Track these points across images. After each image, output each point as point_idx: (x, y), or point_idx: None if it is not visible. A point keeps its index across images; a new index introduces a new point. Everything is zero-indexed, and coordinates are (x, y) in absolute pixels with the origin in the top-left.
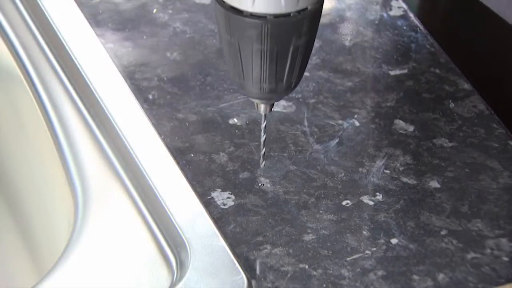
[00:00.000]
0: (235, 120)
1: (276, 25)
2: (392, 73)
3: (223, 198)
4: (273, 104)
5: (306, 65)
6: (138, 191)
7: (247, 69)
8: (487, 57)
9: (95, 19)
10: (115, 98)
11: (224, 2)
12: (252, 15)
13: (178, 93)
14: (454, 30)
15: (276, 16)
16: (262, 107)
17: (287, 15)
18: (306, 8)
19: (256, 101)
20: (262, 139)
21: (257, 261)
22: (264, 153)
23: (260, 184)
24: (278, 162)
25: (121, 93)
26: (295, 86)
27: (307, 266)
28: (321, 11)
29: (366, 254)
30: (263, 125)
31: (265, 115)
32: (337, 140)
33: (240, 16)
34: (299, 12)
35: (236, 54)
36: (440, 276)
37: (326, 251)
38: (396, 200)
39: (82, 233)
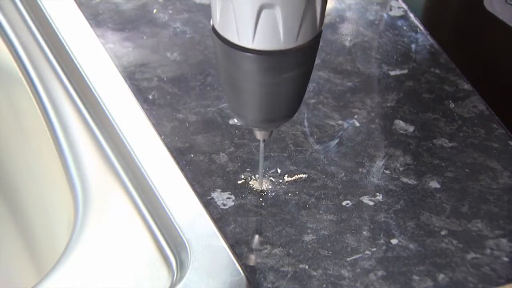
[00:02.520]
0: (235, 120)
1: (275, 60)
2: (392, 73)
3: (223, 199)
4: (271, 131)
5: (305, 92)
6: (138, 191)
7: (246, 100)
8: (488, 57)
9: (95, 19)
10: (115, 98)
11: (222, 36)
12: (251, 50)
13: (178, 93)
14: (455, 31)
15: (275, 51)
16: (260, 134)
17: (286, 50)
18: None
19: (254, 129)
20: (261, 162)
21: (257, 261)
22: (263, 174)
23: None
24: (278, 162)
25: (121, 93)
26: (294, 113)
27: (307, 267)
28: (319, 42)
29: (366, 254)
30: (261, 149)
31: (264, 140)
32: (337, 141)
33: (239, 51)
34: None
35: (235, 85)
36: (440, 277)
37: (326, 252)
38: (396, 201)
39: (82, 233)
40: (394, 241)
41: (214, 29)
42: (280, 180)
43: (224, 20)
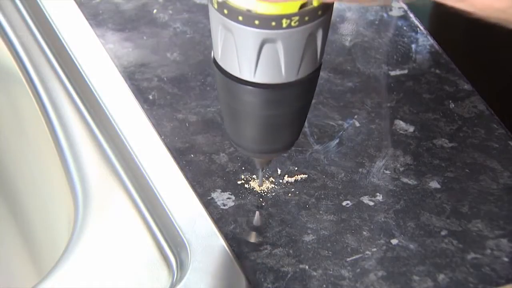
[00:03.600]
0: None
1: (276, 93)
2: (392, 73)
3: (223, 199)
4: (270, 160)
5: (304, 122)
6: (138, 191)
7: (246, 130)
8: (488, 57)
9: (95, 19)
10: (115, 99)
11: (224, 69)
12: (252, 83)
13: (178, 93)
14: (455, 31)
15: (276, 84)
16: (260, 162)
17: (287, 83)
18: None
19: (254, 158)
20: (260, 180)
21: (257, 262)
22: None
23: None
24: (278, 163)
25: (121, 93)
26: (293, 143)
27: (307, 267)
28: (319, 74)
29: (366, 254)
30: (260, 176)
31: (262, 169)
32: (337, 141)
33: (240, 84)
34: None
35: (235, 115)
36: (440, 277)
37: (326, 252)
38: (396, 201)
39: (82, 233)
40: (394, 241)
41: (215, 61)
42: (280, 180)
43: (226, 53)
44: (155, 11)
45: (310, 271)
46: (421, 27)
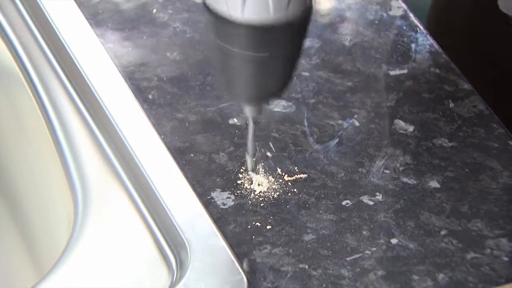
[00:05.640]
0: (235, 120)
1: (266, 33)
2: (392, 73)
3: (223, 198)
4: (261, 109)
5: (295, 70)
6: (138, 191)
7: (235, 74)
8: (488, 57)
9: (95, 19)
10: (115, 98)
11: (213, 10)
12: (241, 23)
13: (178, 93)
14: (455, 31)
15: (265, 24)
16: (250, 110)
17: (275, 23)
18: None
19: (244, 105)
20: (250, 142)
21: (257, 261)
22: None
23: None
24: (278, 162)
25: (121, 93)
26: (283, 91)
27: (307, 266)
28: (310, 19)
29: (366, 254)
30: (250, 127)
31: (253, 118)
32: (337, 140)
33: (229, 25)
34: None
35: (226, 59)
36: (440, 276)
37: (326, 251)
38: (396, 200)
39: (82, 233)
40: (394, 241)
41: (204, 3)
42: (280, 180)
43: None
44: (154, 10)
45: (309, 270)
46: (421, 27)
